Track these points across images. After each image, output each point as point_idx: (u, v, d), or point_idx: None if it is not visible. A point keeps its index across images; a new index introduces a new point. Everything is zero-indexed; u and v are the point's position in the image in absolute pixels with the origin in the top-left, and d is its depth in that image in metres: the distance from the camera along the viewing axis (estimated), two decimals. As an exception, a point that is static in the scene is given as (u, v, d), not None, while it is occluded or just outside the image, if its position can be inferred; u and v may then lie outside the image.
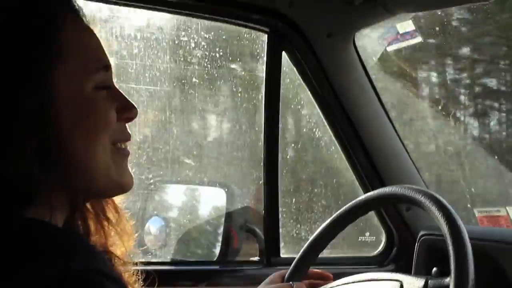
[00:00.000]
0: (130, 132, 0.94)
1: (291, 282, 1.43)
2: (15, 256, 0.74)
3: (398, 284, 1.23)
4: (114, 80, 0.94)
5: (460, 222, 1.18)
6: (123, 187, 0.92)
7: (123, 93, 0.93)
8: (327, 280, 1.49)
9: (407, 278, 1.24)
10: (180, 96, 2.16)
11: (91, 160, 0.86)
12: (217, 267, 1.90)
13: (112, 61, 0.93)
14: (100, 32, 0.93)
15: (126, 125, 0.94)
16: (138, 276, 1.00)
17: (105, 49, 0.92)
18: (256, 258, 1.91)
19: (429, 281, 1.19)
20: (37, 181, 0.81)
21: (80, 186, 0.85)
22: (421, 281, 1.20)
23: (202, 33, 1.98)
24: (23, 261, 0.73)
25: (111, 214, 0.96)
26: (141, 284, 1.03)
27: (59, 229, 0.84)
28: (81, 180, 0.85)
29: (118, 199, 0.97)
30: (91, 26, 0.92)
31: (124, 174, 0.91)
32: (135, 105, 0.93)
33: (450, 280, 1.10)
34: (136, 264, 1.00)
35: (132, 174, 0.93)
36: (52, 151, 0.82)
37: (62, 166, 0.83)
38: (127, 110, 0.92)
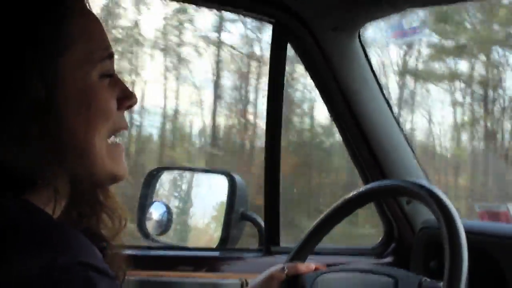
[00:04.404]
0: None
1: (283, 264, 1.45)
2: (4, 245, 0.74)
3: (393, 280, 1.24)
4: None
5: (458, 218, 1.19)
6: (115, 177, 0.92)
7: (124, 81, 0.93)
8: None
9: (402, 276, 1.25)
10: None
11: (90, 147, 0.86)
12: (217, 253, 1.91)
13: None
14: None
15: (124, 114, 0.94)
16: (130, 260, 1.00)
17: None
18: (256, 247, 1.93)
19: (423, 283, 1.21)
20: (39, 166, 0.82)
21: (80, 172, 0.87)
22: (415, 282, 1.21)
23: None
24: (11, 252, 0.73)
25: (101, 196, 0.96)
26: (136, 268, 1.03)
27: (51, 220, 0.84)
28: (82, 166, 0.86)
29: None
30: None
31: (118, 165, 0.92)
32: (135, 93, 0.94)
33: (443, 284, 1.12)
34: (129, 247, 1.00)
35: (126, 165, 0.93)
36: (54, 137, 0.83)
37: (62, 152, 0.84)
38: (127, 99, 0.93)
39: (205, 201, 2.13)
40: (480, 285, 1.45)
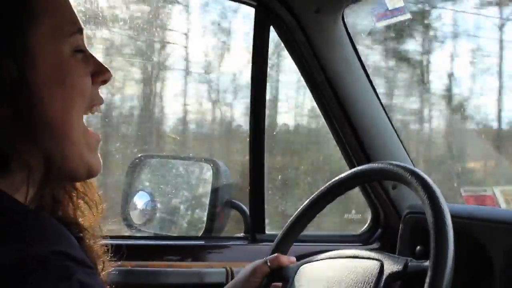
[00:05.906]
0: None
1: (265, 258, 1.43)
2: None
3: (378, 263, 1.22)
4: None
5: (443, 202, 1.17)
6: (92, 170, 0.89)
7: (96, 57, 0.91)
8: None
9: (388, 259, 1.23)
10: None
11: (67, 125, 0.84)
12: (202, 242, 1.89)
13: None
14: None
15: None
16: (108, 248, 0.97)
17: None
18: (241, 234, 1.91)
19: (409, 264, 1.18)
20: (13, 147, 0.79)
21: (55, 152, 0.83)
22: (401, 263, 1.19)
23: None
24: None
25: (78, 183, 0.94)
26: (113, 258, 1.01)
27: (23, 208, 0.81)
28: (57, 145, 0.83)
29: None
30: None
31: (94, 155, 0.89)
32: (108, 68, 0.91)
33: (429, 263, 1.09)
34: (112, 237, 0.98)
35: (100, 159, 0.91)
36: (28, 115, 0.80)
37: (38, 130, 0.81)
38: (101, 73, 0.91)
39: (189, 189, 2.10)
40: (466, 269, 1.44)
